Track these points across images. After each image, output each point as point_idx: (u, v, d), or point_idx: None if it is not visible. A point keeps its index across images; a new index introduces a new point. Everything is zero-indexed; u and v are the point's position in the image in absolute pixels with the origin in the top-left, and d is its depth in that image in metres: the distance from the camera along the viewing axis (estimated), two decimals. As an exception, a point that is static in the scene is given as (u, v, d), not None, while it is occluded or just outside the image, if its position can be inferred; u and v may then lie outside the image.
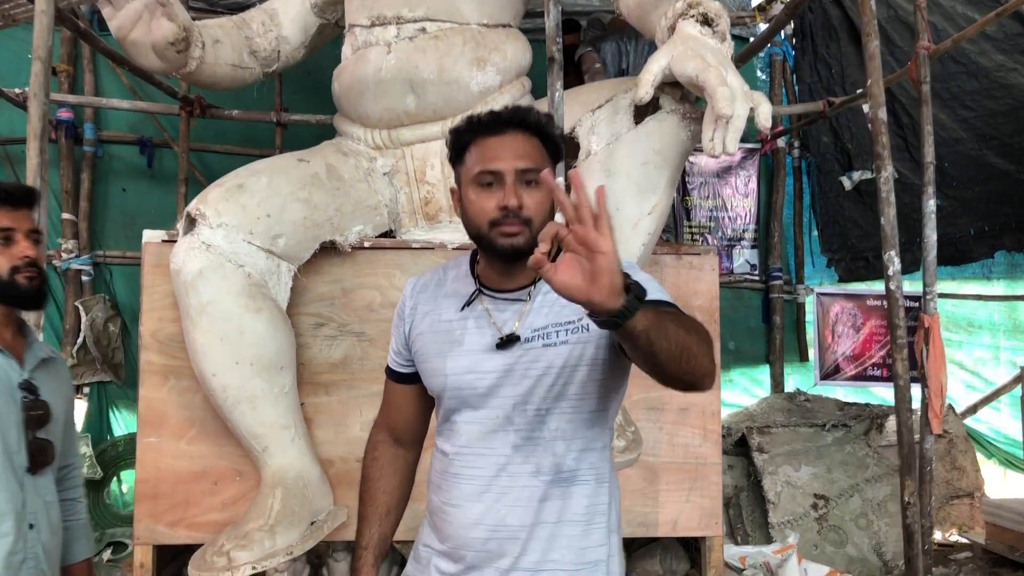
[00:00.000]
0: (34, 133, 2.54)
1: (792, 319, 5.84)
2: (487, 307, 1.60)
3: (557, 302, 1.54)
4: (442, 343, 1.62)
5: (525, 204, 1.51)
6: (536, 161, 1.53)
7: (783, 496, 4.68)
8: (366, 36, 3.53)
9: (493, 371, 1.56)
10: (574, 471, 1.58)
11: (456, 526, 1.60)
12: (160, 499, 3.20)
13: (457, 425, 1.62)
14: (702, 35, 2.79)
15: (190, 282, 2.94)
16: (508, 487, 1.56)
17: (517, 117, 1.55)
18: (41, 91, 2.53)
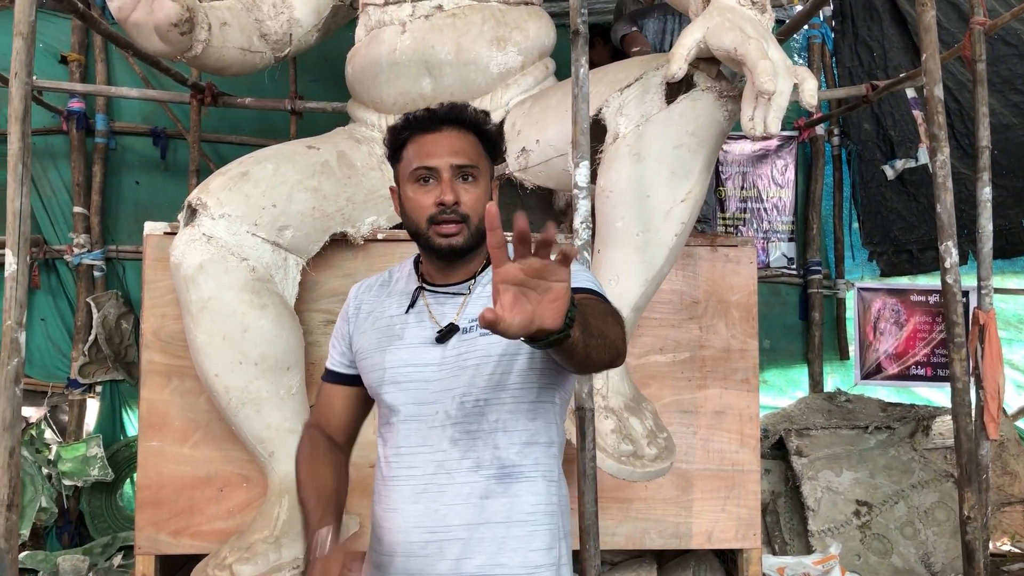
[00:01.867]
0: (16, 115, 2.37)
1: (831, 315, 5.57)
2: (428, 302, 1.59)
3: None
4: (382, 338, 1.60)
5: (462, 200, 1.53)
6: (472, 158, 1.55)
7: (823, 503, 4.44)
8: (380, 15, 3.34)
9: (431, 363, 1.53)
10: (518, 466, 1.52)
11: (394, 531, 1.54)
12: (163, 506, 3.05)
13: (394, 425, 1.58)
14: (740, 6, 2.56)
15: (190, 276, 2.78)
16: (446, 484, 1.51)
17: (453, 114, 1.58)
18: (23, 69, 2.37)
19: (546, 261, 1.11)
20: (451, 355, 1.52)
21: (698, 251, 3.27)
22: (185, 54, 3.41)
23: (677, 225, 2.73)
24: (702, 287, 3.28)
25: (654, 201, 2.69)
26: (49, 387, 5.00)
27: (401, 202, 1.61)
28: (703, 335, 3.27)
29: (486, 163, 1.59)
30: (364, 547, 3.02)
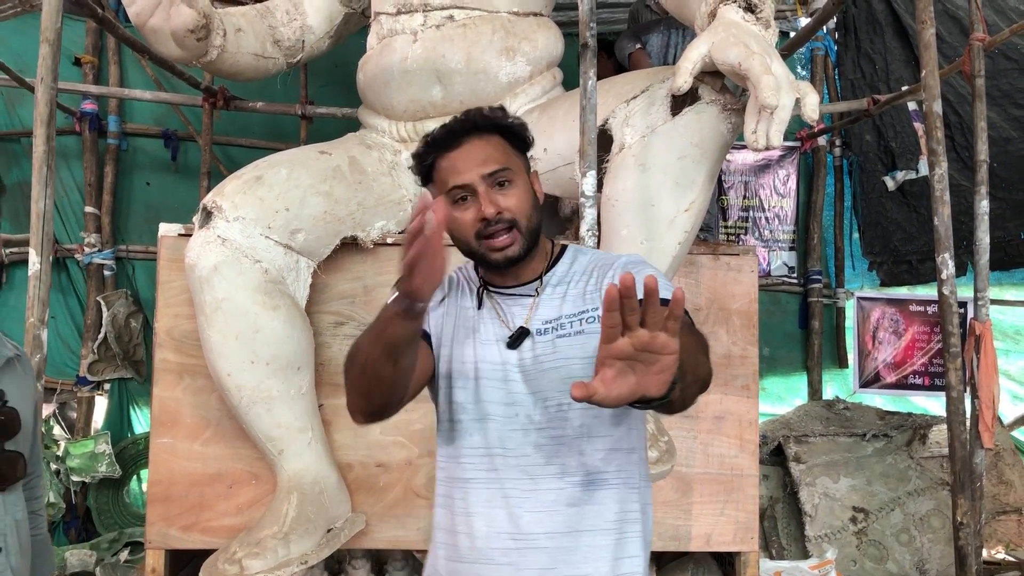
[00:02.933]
0: (41, 119, 2.44)
1: (831, 324, 5.63)
2: (496, 301, 1.58)
3: (568, 293, 1.52)
4: (459, 329, 1.58)
5: (504, 207, 1.50)
6: (501, 160, 1.52)
7: (820, 508, 4.50)
8: (392, 24, 3.41)
9: (509, 363, 1.51)
10: (602, 473, 1.48)
11: (473, 536, 1.50)
12: (173, 502, 3.11)
13: (465, 424, 1.54)
14: (745, 21, 2.62)
15: (205, 277, 2.84)
16: (530, 490, 1.47)
17: (469, 123, 1.54)
18: (48, 75, 2.44)
19: (656, 334, 1.05)
20: (528, 356, 1.49)
21: (700, 259, 3.32)
22: (200, 59, 3.48)
23: (680, 234, 2.79)
24: (704, 294, 3.34)
25: (658, 210, 2.75)
26: (59, 384, 5.06)
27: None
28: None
29: (518, 160, 1.56)
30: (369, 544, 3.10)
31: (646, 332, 1.06)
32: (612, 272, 1.52)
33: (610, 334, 1.08)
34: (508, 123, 1.56)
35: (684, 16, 3.03)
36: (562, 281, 1.56)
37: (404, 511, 3.14)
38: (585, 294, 1.51)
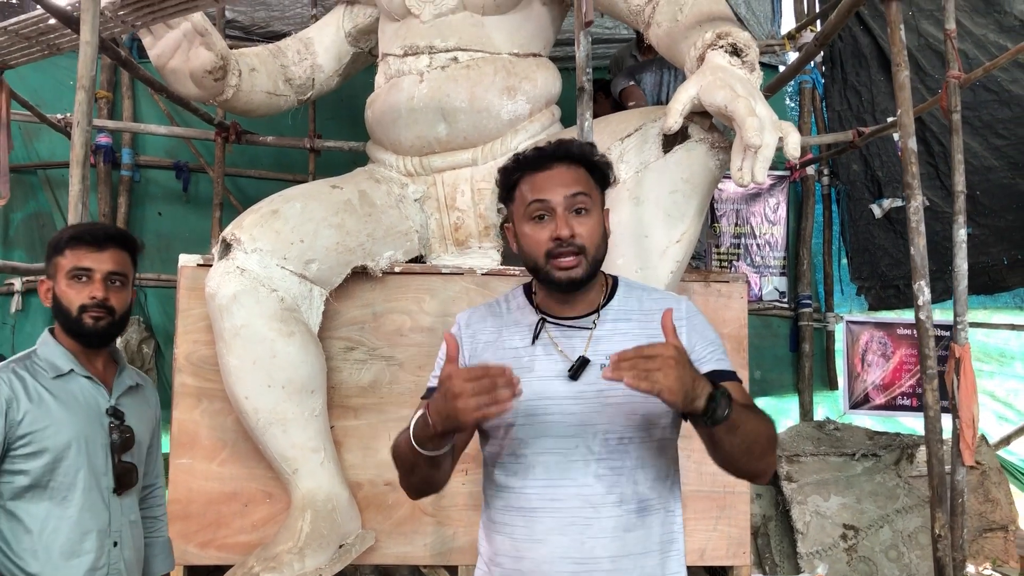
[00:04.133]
0: (77, 160, 2.60)
1: (821, 347, 5.81)
2: (552, 335, 1.64)
3: (631, 330, 1.61)
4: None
5: (577, 232, 1.57)
6: (584, 187, 1.60)
7: (812, 526, 4.64)
8: (399, 65, 3.59)
9: (567, 397, 1.58)
10: (649, 499, 1.60)
11: (539, 561, 1.58)
12: (191, 520, 3.24)
13: (528, 458, 1.61)
14: (731, 65, 2.81)
15: (224, 306, 3.00)
16: (592, 518, 1.57)
17: (561, 151, 1.62)
18: (84, 119, 2.61)
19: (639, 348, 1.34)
20: (590, 390, 1.57)
21: (692, 286, 3.48)
22: (217, 98, 3.68)
23: (672, 263, 2.96)
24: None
25: (651, 241, 2.93)
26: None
27: (517, 239, 1.67)
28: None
29: (597, 193, 1.64)
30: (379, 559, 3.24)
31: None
32: (681, 326, 1.62)
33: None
34: (596, 159, 1.65)
35: (675, 58, 3.22)
36: (625, 316, 1.65)
37: (411, 528, 3.29)
38: (652, 335, 1.56)
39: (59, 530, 1.91)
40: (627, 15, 3.39)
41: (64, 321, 1.99)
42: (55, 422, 1.91)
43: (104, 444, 1.99)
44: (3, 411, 1.86)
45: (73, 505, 1.92)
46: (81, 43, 2.64)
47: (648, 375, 1.32)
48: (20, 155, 5.38)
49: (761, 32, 5.76)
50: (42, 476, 1.90)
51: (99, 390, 2.01)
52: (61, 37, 3.51)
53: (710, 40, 2.88)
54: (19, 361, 1.99)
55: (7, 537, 1.90)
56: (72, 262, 1.96)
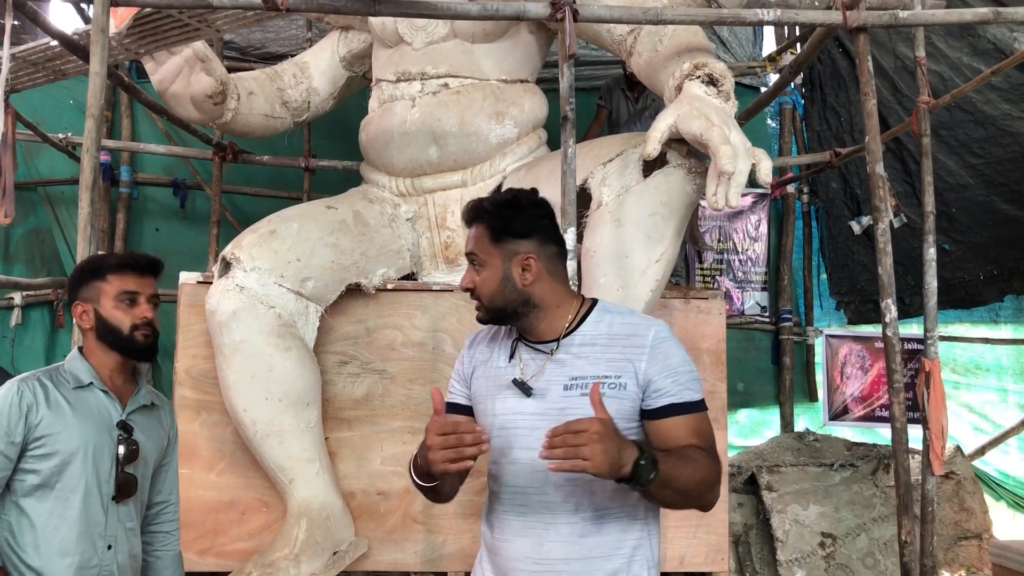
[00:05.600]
0: (86, 185, 2.73)
1: (801, 360, 5.96)
2: (523, 357, 1.81)
3: (597, 355, 1.75)
4: (491, 387, 1.82)
5: (471, 285, 1.82)
6: (474, 247, 1.81)
7: (791, 534, 4.77)
8: (392, 91, 3.74)
9: (534, 414, 1.74)
10: (609, 509, 1.71)
11: (505, 558, 1.77)
12: (190, 528, 3.34)
13: (502, 466, 1.79)
14: (707, 95, 2.97)
15: (224, 322, 3.13)
16: (550, 523, 1.72)
17: (466, 216, 1.85)
18: (93, 146, 2.73)
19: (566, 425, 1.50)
20: (553, 408, 1.71)
21: (673, 302, 3.62)
22: (216, 120, 3.82)
23: (652, 282, 3.11)
24: (676, 334, 3.62)
25: (632, 261, 3.08)
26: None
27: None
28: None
29: (492, 248, 1.79)
30: (372, 566, 3.36)
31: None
32: (642, 354, 1.73)
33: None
34: (485, 216, 1.82)
35: (655, 87, 3.39)
36: (591, 341, 1.77)
37: (403, 535, 3.41)
38: (612, 360, 1.72)
39: (58, 528, 2.06)
40: (610, 44, 3.55)
41: (115, 339, 2.15)
42: (68, 428, 2.07)
43: (111, 454, 2.13)
44: (24, 414, 2.03)
45: (74, 507, 2.07)
46: (91, 74, 2.78)
47: (576, 451, 1.47)
48: (21, 172, 5.48)
49: (743, 54, 5.94)
50: (50, 477, 2.06)
51: (113, 404, 2.16)
52: (67, 63, 3.65)
53: (687, 71, 3.04)
54: (46, 372, 2.16)
55: (14, 530, 2.05)
56: (120, 287, 2.14)
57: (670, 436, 1.68)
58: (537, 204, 1.86)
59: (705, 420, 1.73)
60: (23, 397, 2.05)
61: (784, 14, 3.13)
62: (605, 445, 1.48)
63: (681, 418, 1.69)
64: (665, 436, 1.69)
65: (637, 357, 1.71)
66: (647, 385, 1.70)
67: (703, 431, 1.71)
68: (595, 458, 1.46)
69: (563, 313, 1.81)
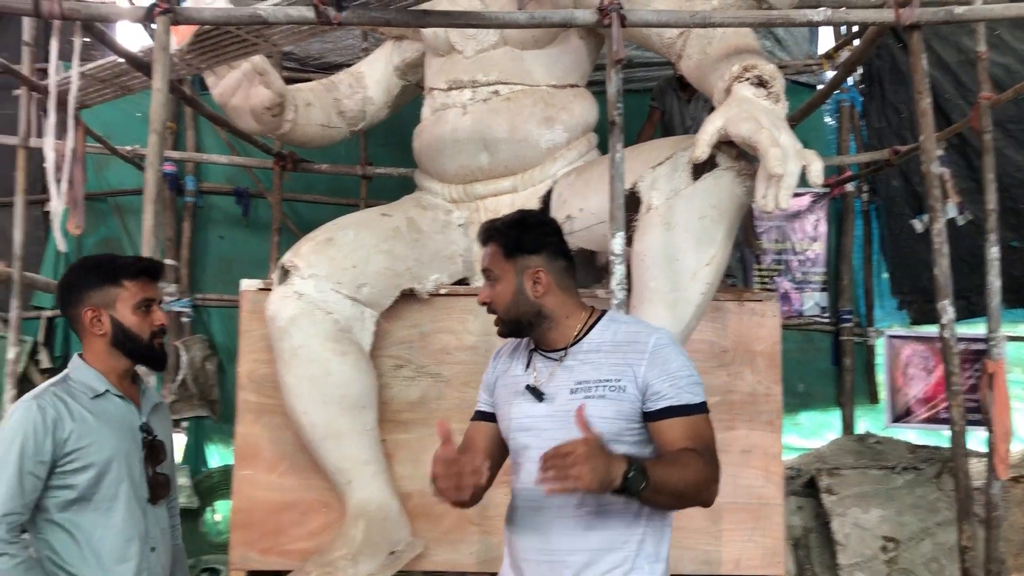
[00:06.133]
0: (150, 197, 2.85)
1: (862, 361, 5.86)
2: (536, 364, 1.98)
3: (601, 361, 1.88)
4: (509, 393, 1.99)
5: (486, 299, 1.98)
6: (489, 263, 1.98)
7: (852, 538, 4.71)
8: (444, 99, 3.80)
9: (544, 416, 1.89)
10: (612, 503, 1.80)
11: (518, 549, 1.94)
12: (253, 528, 3.46)
13: (518, 464, 1.96)
14: (756, 97, 2.96)
15: (283, 328, 3.23)
16: (556, 517, 1.86)
17: (481, 236, 2.03)
18: (156, 159, 2.85)
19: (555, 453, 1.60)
20: (561, 411, 1.84)
21: (726, 305, 3.61)
22: (275, 131, 3.93)
23: (703, 285, 3.11)
24: (730, 337, 3.62)
25: (682, 264, 3.09)
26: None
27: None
28: (731, 381, 3.60)
29: (506, 264, 1.95)
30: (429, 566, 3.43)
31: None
32: (642, 359, 1.86)
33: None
34: (499, 235, 1.98)
35: (704, 89, 3.39)
36: (596, 348, 1.91)
37: (458, 536, 3.47)
38: (613, 365, 1.87)
39: (105, 538, 2.06)
40: (660, 48, 3.56)
41: (134, 347, 2.14)
42: (98, 439, 2.06)
43: (139, 457, 2.15)
44: (51, 430, 2.01)
45: (117, 514, 2.08)
46: (153, 90, 2.89)
47: (566, 472, 1.57)
48: (91, 184, 5.68)
49: (799, 52, 5.86)
50: (88, 489, 2.05)
51: (130, 408, 2.17)
52: (132, 79, 3.80)
53: (736, 73, 3.04)
54: (56, 385, 2.13)
55: (55, 548, 2.04)
56: (139, 294, 2.13)
57: (668, 437, 1.80)
58: (545, 223, 2.05)
59: (704, 422, 1.84)
60: (46, 414, 2.01)
61: (834, 14, 3.10)
62: (592, 464, 1.57)
63: (679, 420, 1.81)
64: (665, 437, 1.81)
65: (637, 362, 1.84)
66: (646, 388, 1.83)
67: (700, 433, 1.82)
68: (583, 477, 1.56)
69: (573, 323, 1.96)
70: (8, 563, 1.90)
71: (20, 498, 1.96)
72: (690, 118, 4.92)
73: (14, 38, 4.98)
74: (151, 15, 2.97)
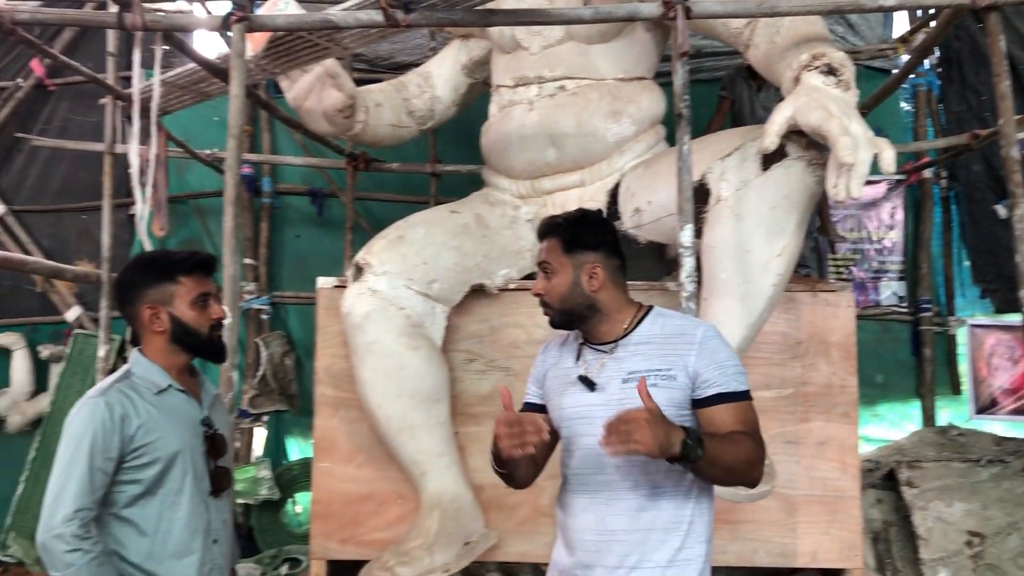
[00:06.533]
0: (230, 200, 2.95)
1: (943, 351, 5.69)
2: (587, 357, 2.06)
3: (656, 352, 1.97)
4: (560, 385, 2.08)
5: (541, 291, 2.08)
6: (546, 257, 2.07)
7: (935, 532, 4.60)
8: (511, 95, 3.84)
9: (596, 405, 1.96)
10: (664, 485, 1.93)
11: (573, 530, 2.01)
12: (332, 519, 3.57)
13: (571, 453, 2.04)
14: (826, 85, 2.92)
15: (358, 324, 3.32)
16: (611, 500, 1.96)
17: (539, 231, 2.13)
18: (235, 163, 2.95)
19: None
20: (613, 399, 1.93)
21: (799, 296, 3.57)
22: (347, 132, 4.03)
23: (774, 276, 3.09)
24: (804, 329, 3.58)
25: (753, 256, 3.07)
26: (224, 416, 5.69)
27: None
28: (805, 372, 3.57)
29: (563, 258, 2.04)
30: (502, 557, 3.48)
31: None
32: (691, 350, 1.95)
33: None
34: (559, 231, 2.08)
35: (772, 78, 3.35)
36: (646, 340, 2.01)
37: (531, 528, 3.51)
38: (664, 355, 1.96)
39: (171, 532, 2.09)
40: (727, 38, 3.53)
41: (194, 341, 2.17)
42: (163, 434, 2.10)
43: (202, 451, 2.18)
44: (118, 427, 2.04)
45: (182, 508, 2.11)
46: (230, 95, 2.99)
47: (627, 436, 1.67)
48: (173, 187, 5.85)
49: (872, 36, 5.72)
50: (154, 484, 2.08)
51: (192, 403, 2.21)
52: (211, 85, 3.93)
53: (805, 61, 3.00)
54: (120, 381, 2.15)
55: (122, 542, 2.07)
56: (196, 289, 2.15)
57: (718, 422, 1.89)
58: (603, 222, 2.13)
59: (750, 408, 1.93)
60: (113, 411, 2.03)
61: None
62: (653, 429, 1.68)
63: (727, 406, 1.90)
64: (714, 422, 1.90)
65: (686, 352, 1.94)
66: (696, 376, 1.92)
67: (747, 418, 1.92)
68: (646, 441, 1.67)
69: (623, 318, 2.04)
70: (82, 558, 1.93)
71: (91, 494, 1.98)
72: (761, 107, 4.85)
73: (99, 49, 5.21)
74: (227, 23, 3.08)
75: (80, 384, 5.66)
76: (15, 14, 3.06)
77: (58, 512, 1.95)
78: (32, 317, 6.10)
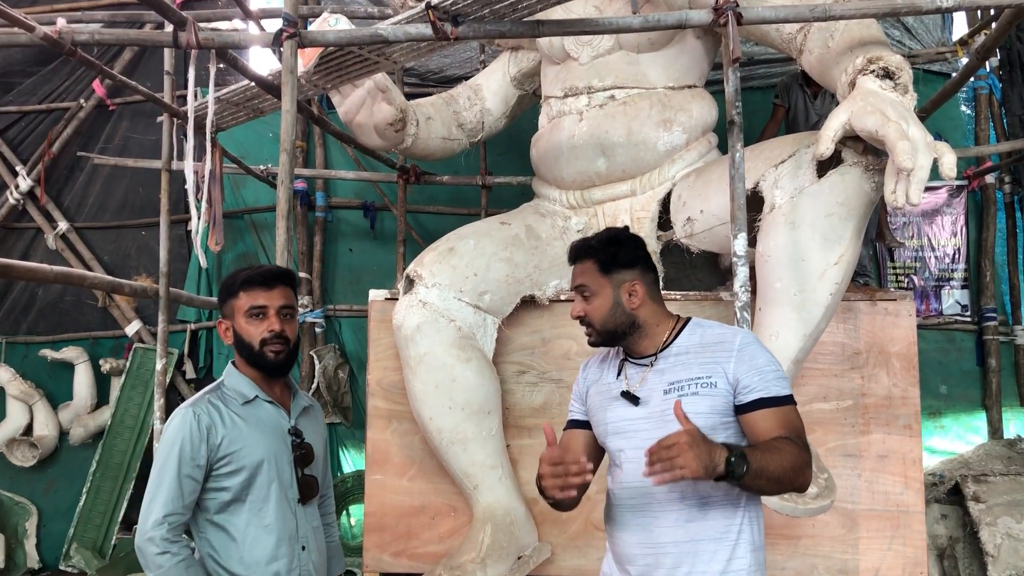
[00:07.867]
0: (282, 213, 2.98)
1: (1010, 362, 5.50)
2: (627, 371, 2.07)
3: (691, 361, 1.97)
4: (603, 400, 2.09)
5: (580, 313, 2.07)
6: (582, 280, 2.07)
7: (1003, 549, 4.45)
8: (560, 106, 3.83)
9: (640, 418, 1.98)
10: (711, 496, 1.91)
11: (623, 544, 2.01)
12: (385, 531, 3.57)
13: (619, 466, 2.04)
14: (882, 89, 2.85)
15: (409, 336, 3.32)
16: (659, 512, 1.95)
17: (573, 255, 2.12)
18: (287, 178, 2.98)
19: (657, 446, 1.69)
20: (656, 412, 1.95)
21: (858, 305, 3.49)
22: (398, 146, 4.05)
23: (831, 285, 3.01)
24: (863, 339, 3.50)
25: (809, 264, 3.00)
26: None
27: None
28: (865, 384, 3.48)
29: (601, 278, 2.05)
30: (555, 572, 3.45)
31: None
32: (730, 357, 1.95)
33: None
34: (593, 251, 2.08)
35: (827, 84, 3.29)
36: (685, 351, 2.01)
37: (585, 542, 3.48)
38: (703, 364, 1.97)
39: (258, 538, 2.16)
40: (780, 43, 3.47)
41: (248, 354, 2.22)
42: (249, 443, 2.16)
43: (289, 460, 2.23)
44: (205, 436, 2.12)
45: (269, 515, 2.17)
46: (283, 112, 3.03)
47: (672, 463, 1.66)
48: (228, 202, 6.00)
49: (930, 40, 5.58)
50: (241, 491, 2.15)
51: (280, 413, 2.26)
52: (264, 102, 3.98)
53: (861, 65, 2.93)
54: (211, 392, 2.24)
55: (215, 546, 2.17)
56: (248, 302, 2.19)
57: (761, 428, 1.88)
58: (635, 238, 2.13)
59: (793, 412, 1.92)
60: (200, 421, 2.12)
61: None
62: (696, 451, 1.66)
63: (770, 411, 1.89)
64: (757, 428, 1.89)
65: (725, 360, 1.94)
66: (736, 383, 1.92)
67: (791, 423, 1.90)
68: (689, 465, 1.65)
69: (662, 331, 2.06)
70: (170, 561, 2.03)
71: (180, 500, 2.08)
72: (816, 114, 4.76)
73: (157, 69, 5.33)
74: (279, 40, 3.12)
75: (140, 397, 5.78)
76: (75, 35, 3.14)
77: (150, 517, 2.06)
78: (93, 331, 6.25)
